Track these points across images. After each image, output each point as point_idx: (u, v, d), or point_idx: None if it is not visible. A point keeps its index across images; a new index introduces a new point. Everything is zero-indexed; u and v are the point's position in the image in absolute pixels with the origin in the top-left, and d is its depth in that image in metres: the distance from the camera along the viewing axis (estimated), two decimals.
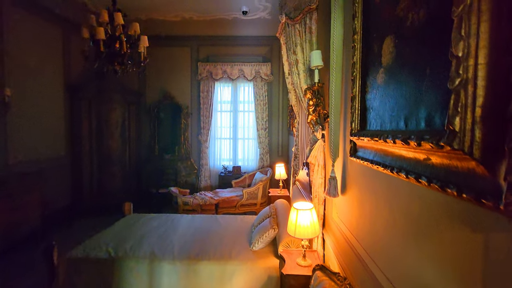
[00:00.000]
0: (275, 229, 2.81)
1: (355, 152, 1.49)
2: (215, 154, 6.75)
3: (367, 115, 1.32)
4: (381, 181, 1.21)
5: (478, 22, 0.59)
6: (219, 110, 6.74)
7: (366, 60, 1.33)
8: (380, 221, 1.23)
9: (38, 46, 4.85)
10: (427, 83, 0.81)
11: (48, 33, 5.07)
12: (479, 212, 0.65)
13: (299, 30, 2.84)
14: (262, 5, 5.19)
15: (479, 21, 0.59)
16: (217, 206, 5.12)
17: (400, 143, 0.90)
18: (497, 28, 0.57)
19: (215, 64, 6.40)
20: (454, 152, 0.66)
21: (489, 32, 0.58)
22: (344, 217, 1.83)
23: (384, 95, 1.12)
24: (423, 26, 0.83)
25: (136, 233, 3.21)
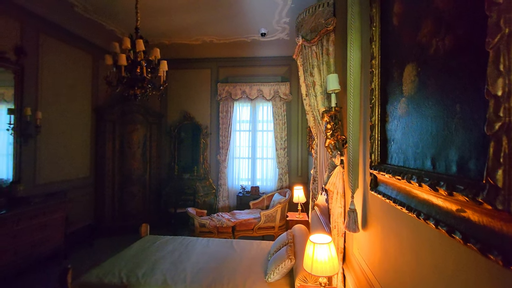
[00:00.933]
0: (292, 259, 2.64)
1: (376, 186, 1.35)
2: (234, 174, 6.70)
3: (388, 147, 1.19)
4: (406, 224, 1.06)
5: None
6: (237, 129, 6.75)
7: (386, 87, 1.22)
8: (407, 271, 1.07)
9: (69, 71, 5.18)
10: (458, 121, 0.69)
11: (79, 59, 5.42)
12: None
13: (316, 52, 2.79)
14: (280, 26, 5.24)
15: None
16: (234, 228, 4.99)
17: (427, 188, 0.77)
18: None
19: (234, 84, 6.48)
20: (497, 212, 0.53)
21: None
22: (365, 255, 1.65)
23: (406, 127, 1.00)
24: (450, 55, 0.73)
25: (150, 258, 3.15)
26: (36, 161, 4.48)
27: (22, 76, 4.26)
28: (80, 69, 5.45)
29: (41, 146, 4.57)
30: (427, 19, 0.85)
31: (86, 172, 5.63)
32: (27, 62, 4.34)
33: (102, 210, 5.73)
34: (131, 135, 6.04)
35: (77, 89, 5.38)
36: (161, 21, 4.91)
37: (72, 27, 4.97)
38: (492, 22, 0.53)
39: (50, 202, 4.11)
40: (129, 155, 6.01)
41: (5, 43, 4.01)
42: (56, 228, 4.19)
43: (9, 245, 3.41)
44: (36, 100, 4.51)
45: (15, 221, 3.50)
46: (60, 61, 4.97)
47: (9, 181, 4.08)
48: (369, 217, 1.58)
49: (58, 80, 4.92)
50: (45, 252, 3.96)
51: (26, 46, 4.33)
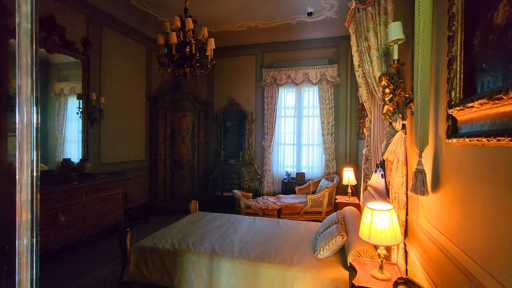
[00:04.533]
0: (344, 236, 2.47)
1: (455, 131, 1.15)
2: (279, 160, 6.62)
3: (477, 76, 0.98)
4: (500, 158, 0.86)
5: None
6: (283, 115, 6.63)
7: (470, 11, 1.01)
8: (504, 216, 0.87)
9: (127, 62, 5.60)
10: None
11: (135, 51, 5.82)
12: None
13: (371, 13, 2.54)
14: (328, 3, 4.96)
15: None
16: (280, 211, 4.93)
17: None
18: None
19: (279, 69, 6.37)
20: None
21: None
22: (437, 221, 1.44)
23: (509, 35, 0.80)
24: None
25: (199, 230, 3.25)
26: (100, 143, 4.94)
27: (88, 65, 4.72)
28: (136, 59, 5.86)
29: (105, 129, 5.02)
30: None
31: (142, 155, 6.07)
32: (92, 52, 4.79)
33: (155, 190, 6.13)
34: (180, 122, 6.34)
35: (133, 78, 5.80)
36: (207, 8, 5.00)
37: (129, 20, 5.34)
38: None
39: (112, 179, 4.50)
40: (179, 140, 6.31)
41: (74, 35, 4.46)
42: (116, 203, 4.59)
43: (79, 214, 3.82)
44: (100, 87, 4.96)
45: (84, 192, 3.91)
46: (119, 52, 5.39)
47: (79, 159, 4.57)
48: (442, 176, 1.37)
49: (117, 69, 5.35)
50: (108, 223, 4.36)
51: (91, 38, 4.78)
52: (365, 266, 1.90)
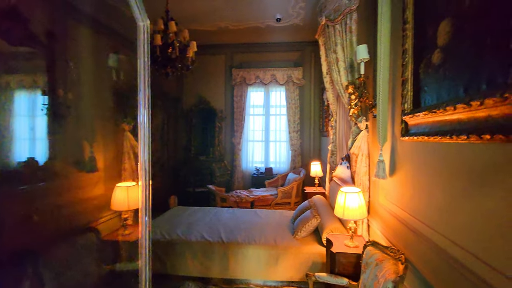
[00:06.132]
0: (318, 218, 2.94)
1: (407, 131, 1.62)
2: (248, 156, 6.99)
3: (421, 94, 1.45)
4: (438, 151, 1.33)
5: None
6: (251, 113, 7.01)
7: (419, 45, 1.47)
8: (438, 188, 1.35)
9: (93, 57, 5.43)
10: (488, 51, 0.95)
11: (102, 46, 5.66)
12: None
13: (339, 30, 3.02)
14: (295, 12, 5.42)
15: None
16: (253, 203, 5.31)
17: (462, 107, 1.04)
18: None
19: (249, 70, 6.71)
20: None
21: None
22: (393, 197, 1.94)
23: (440, 72, 1.26)
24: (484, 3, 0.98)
25: (185, 221, 3.47)
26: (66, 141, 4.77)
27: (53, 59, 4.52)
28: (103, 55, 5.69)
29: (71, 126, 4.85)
30: None
31: None
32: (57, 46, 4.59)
33: None
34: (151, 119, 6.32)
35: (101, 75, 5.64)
36: (180, 7, 5.11)
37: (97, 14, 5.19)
38: None
39: None
40: None
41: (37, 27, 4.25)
42: None
43: None
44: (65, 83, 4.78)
45: None
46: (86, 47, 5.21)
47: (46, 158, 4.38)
48: (398, 163, 1.86)
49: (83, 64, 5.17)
50: None
51: (56, 31, 4.57)
52: (339, 239, 2.36)
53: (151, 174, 1.51)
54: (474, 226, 1.09)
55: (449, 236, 1.26)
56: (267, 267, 2.73)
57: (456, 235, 1.21)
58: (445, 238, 1.29)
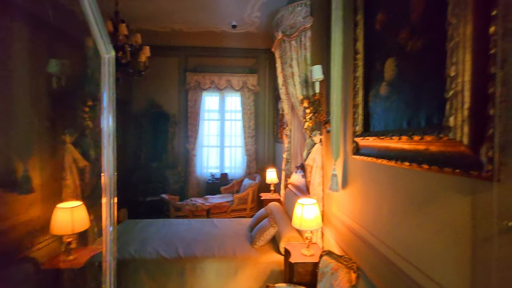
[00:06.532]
0: (275, 227, 3.03)
1: (358, 150, 1.79)
2: (202, 162, 6.87)
3: (370, 120, 1.62)
4: (385, 171, 1.50)
5: (464, 53, 0.90)
6: (206, 118, 6.91)
7: (368, 75, 1.64)
8: (384, 204, 1.51)
9: None
10: (425, 93, 1.11)
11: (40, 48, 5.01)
12: (466, 181, 0.94)
13: (294, 46, 3.17)
14: (251, 20, 5.50)
15: (465, 51, 0.90)
16: (209, 211, 5.23)
17: (405, 138, 1.19)
18: (475, 58, 0.88)
19: (203, 74, 6.61)
20: (449, 141, 0.95)
21: (471, 61, 0.88)
22: (345, 209, 2.11)
23: (387, 103, 1.42)
24: (421, 51, 1.15)
25: (137, 237, 3.27)
26: None
27: None
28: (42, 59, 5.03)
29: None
30: (404, 27, 1.27)
31: None
32: None
33: None
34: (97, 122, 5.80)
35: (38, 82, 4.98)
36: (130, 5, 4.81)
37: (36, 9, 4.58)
38: (449, 33, 0.93)
39: None
40: None
41: None
42: None
43: None
44: None
45: None
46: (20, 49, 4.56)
47: None
48: (349, 178, 2.03)
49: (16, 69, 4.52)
50: None
51: None
52: (296, 248, 2.48)
53: (115, 189, 1.41)
54: (412, 240, 1.26)
55: (393, 247, 1.43)
56: (226, 280, 2.72)
57: (399, 247, 1.38)
58: (389, 248, 1.46)
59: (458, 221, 0.98)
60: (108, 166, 1.42)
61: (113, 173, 1.44)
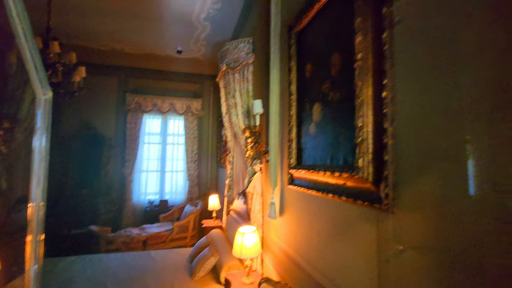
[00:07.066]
0: (216, 256, 3.00)
1: (292, 181, 1.96)
2: (140, 188, 6.45)
3: (302, 154, 1.82)
4: (314, 201, 1.68)
5: (367, 109, 1.13)
6: (146, 142, 6.60)
7: (301, 114, 1.86)
8: (314, 231, 1.68)
9: None
10: (342, 136, 1.34)
11: None
12: (372, 212, 1.14)
13: (238, 78, 3.36)
14: (197, 47, 5.64)
15: (366, 108, 1.13)
16: (145, 242, 4.86)
17: (328, 174, 1.38)
18: (375, 113, 1.11)
19: (145, 96, 6.39)
20: (360, 178, 1.15)
21: (372, 116, 1.12)
22: (282, 235, 2.24)
23: (315, 141, 1.63)
24: (338, 102, 1.38)
25: (57, 280, 2.86)
26: None
27: None
28: None
29: None
30: (326, 79, 1.52)
31: None
32: None
33: None
34: None
35: None
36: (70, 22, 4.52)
37: None
38: (356, 92, 1.17)
39: None
40: None
41: None
42: None
43: None
44: None
45: None
46: None
47: None
48: (285, 206, 2.18)
49: None
50: None
51: None
52: (236, 277, 2.49)
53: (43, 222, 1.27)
54: (336, 262, 1.43)
55: (321, 269, 1.58)
56: None
57: (326, 269, 1.53)
58: (317, 271, 1.61)
59: (368, 245, 1.17)
60: (37, 196, 1.29)
61: (40, 205, 1.31)
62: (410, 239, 0.93)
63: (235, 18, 4.42)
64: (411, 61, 0.96)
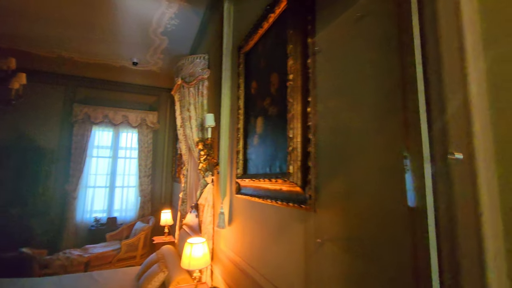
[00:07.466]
0: (165, 271, 2.91)
1: (239, 190, 2.07)
2: (85, 205, 5.98)
3: (248, 164, 1.94)
4: (256, 208, 1.80)
5: (297, 123, 1.30)
6: (95, 155, 6.21)
7: (247, 127, 2.01)
8: (257, 236, 1.78)
9: None
10: (279, 146, 1.49)
11: None
12: (302, 213, 1.29)
13: (193, 92, 3.44)
14: (153, 60, 5.61)
15: (296, 121, 1.30)
16: (88, 264, 4.48)
17: (267, 181, 1.52)
18: (303, 126, 1.29)
19: (96, 107, 6.09)
20: (291, 183, 1.30)
21: (300, 128, 1.29)
22: (231, 244, 2.30)
23: (258, 151, 1.77)
24: (276, 116, 1.55)
25: None
26: None
27: None
28: None
29: None
30: (267, 96, 1.69)
31: None
32: None
33: None
34: None
35: None
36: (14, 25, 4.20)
37: None
38: (288, 107, 1.34)
39: None
40: None
41: None
42: None
43: None
44: None
45: None
46: None
47: None
48: (234, 215, 2.26)
49: None
50: None
51: None
52: None
53: None
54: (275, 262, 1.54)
55: (263, 272, 1.67)
56: None
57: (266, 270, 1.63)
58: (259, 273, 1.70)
59: (298, 243, 1.31)
60: None
61: None
62: (327, 233, 1.09)
63: (192, 35, 4.55)
64: (327, 82, 1.16)
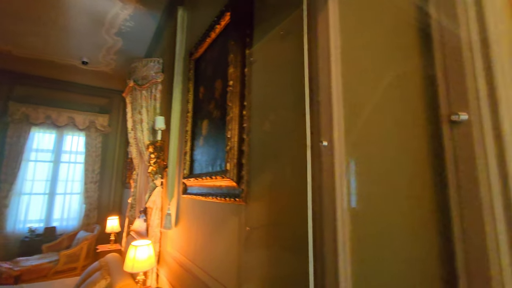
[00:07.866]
0: (107, 278, 2.80)
1: (185, 190, 2.13)
2: (19, 214, 5.40)
3: (194, 164, 2.02)
4: (200, 206, 1.88)
5: (235, 124, 1.44)
6: (33, 159, 5.68)
7: (194, 130, 2.09)
8: (200, 233, 1.86)
9: None
10: (220, 146, 1.61)
11: None
12: (237, 206, 1.41)
13: (145, 95, 3.42)
14: (106, 61, 5.40)
15: (234, 123, 1.44)
16: (18, 278, 4.05)
17: (209, 179, 1.62)
18: (239, 127, 1.43)
19: (36, 107, 5.61)
20: (228, 179, 1.42)
21: (237, 129, 1.43)
22: (177, 245, 2.32)
23: (202, 152, 1.87)
24: (218, 119, 1.68)
25: None
26: None
27: None
28: None
29: None
30: (212, 100, 1.81)
31: None
32: None
33: None
34: None
35: None
36: None
37: None
38: (228, 111, 1.47)
39: None
40: None
41: None
42: None
43: None
44: None
45: None
46: None
47: None
48: (180, 216, 2.30)
49: None
50: None
51: None
52: None
53: None
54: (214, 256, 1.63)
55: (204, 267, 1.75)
56: None
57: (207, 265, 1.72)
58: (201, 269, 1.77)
59: (233, 234, 1.43)
60: None
61: None
62: (255, 222, 1.22)
63: (148, 38, 4.52)
64: (259, 90, 1.32)
